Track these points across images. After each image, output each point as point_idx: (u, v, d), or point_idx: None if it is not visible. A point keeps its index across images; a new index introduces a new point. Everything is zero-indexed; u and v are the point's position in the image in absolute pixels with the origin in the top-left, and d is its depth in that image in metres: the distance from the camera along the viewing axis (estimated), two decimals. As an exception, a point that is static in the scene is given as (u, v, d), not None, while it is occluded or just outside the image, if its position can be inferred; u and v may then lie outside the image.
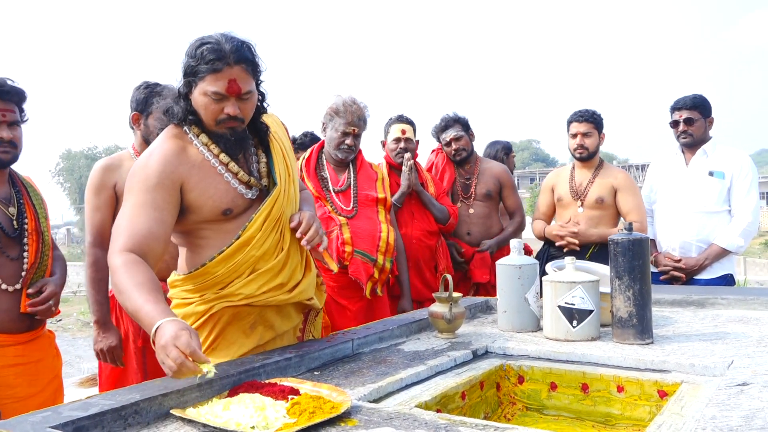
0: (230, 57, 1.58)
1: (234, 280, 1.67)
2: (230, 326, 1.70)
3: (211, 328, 1.69)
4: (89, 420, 1.15)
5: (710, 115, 3.25)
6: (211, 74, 1.58)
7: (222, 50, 1.57)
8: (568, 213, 3.34)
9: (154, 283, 1.46)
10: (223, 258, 1.65)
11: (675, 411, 1.28)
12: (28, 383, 2.03)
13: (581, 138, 3.27)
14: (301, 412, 1.21)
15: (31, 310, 2.02)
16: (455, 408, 1.52)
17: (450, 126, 3.54)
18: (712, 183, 3.17)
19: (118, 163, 2.51)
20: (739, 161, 3.18)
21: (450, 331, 1.97)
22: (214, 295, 1.67)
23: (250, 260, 1.67)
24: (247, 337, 1.72)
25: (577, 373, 1.63)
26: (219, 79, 1.58)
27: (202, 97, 1.61)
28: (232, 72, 1.58)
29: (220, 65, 1.57)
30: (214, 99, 1.60)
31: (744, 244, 3.14)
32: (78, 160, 41.91)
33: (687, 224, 3.19)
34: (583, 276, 1.89)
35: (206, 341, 1.69)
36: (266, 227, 1.69)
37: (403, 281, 3.06)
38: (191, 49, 1.61)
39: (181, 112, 1.66)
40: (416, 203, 3.25)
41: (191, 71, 1.60)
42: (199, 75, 1.59)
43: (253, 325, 1.73)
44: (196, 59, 1.58)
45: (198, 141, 1.68)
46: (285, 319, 1.79)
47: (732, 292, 2.46)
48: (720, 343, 1.77)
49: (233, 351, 1.69)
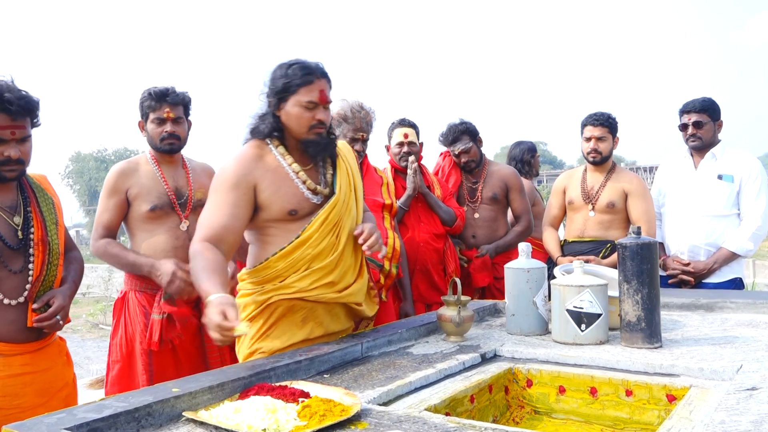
0: (317, 71, 1.89)
1: (291, 274, 1.87)
2: (284, 317, 1.89)
3: (267, 317, 1.89)
4: (103, 422, 1.17)
5: (719, 118, 3.24)
6: (305, 86, 1.86)
7: (310, 67, 1.89)
8: (579, 216, 3.31)
9: (218, 265, 1.76)
10: (283, 254, 1.86)
11: (684, 415, 1.28)
12: (36, 393, 1.96)
13: (595, 142, 3.23)
14: (311, 414, 1.23)
15: (37, 326, 1.95)
16: (464, 411, 1.53)
17: (458, 139, 3.50)
18: (720, 186, 3.15)
19: (134, 168, 2.55)
20: (748, 164, 3.16)
21: (458, 335, 1.98)
22: (272, 287, 1.87)
23: (306, 257, 1.87)
24: (298, 329, 1.89)
25: (586, 377, 1.64)
26: (312, 90, 1.87)
27: (296, 108, 1.88)
28: (320, 83, 1.89)
29: (312, 78, 1.87)
30: (307, 108, 1.87)
31: (753, 247, 3.12)
32: (87, 163, 42.13)
33: (696, 228, 3.17)
34: (591, 280, 1.89)
35: (262, 328, 1.89)
36: (323, 229, 1.90)
37: (405, 285, 3.06)
38: (281, 71, 1.90)
39: (267, 128, 1.93)
40: (422, 206, 3.24)
41: (284, 88, 1.87)
42: (291, 90, 1.87)
43: (304, 320, 1.90)
44: (288, 77, 1.87)
45: (276, 151, 1.93)
46: (334, 319, 1.95)
47: (741, 296, 2.46)
48: (729, 347, 1.77)
49: (284, 340, 1.87)
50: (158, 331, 2.42)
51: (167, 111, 2.52)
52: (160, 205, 2.50)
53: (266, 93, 1.93)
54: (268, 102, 1.93)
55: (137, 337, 2.48)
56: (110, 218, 2.51)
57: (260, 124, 1.95)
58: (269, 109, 1.93)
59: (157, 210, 2.50)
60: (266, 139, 1.95)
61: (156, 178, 2.54)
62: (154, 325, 2.44)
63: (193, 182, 2.62)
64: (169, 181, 2.55)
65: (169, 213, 2.53)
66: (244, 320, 1.85)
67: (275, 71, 1.92)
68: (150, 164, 2.58)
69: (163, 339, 2.44)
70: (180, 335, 2.46)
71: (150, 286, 2.50)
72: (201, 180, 2.65)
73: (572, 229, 3.35)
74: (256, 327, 1.90)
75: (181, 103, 2.56)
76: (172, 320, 2.45)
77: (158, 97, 2.52)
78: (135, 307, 2.51)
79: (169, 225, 2.52)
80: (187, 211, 2.56)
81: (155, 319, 2.45)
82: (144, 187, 2.51)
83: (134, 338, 2.50)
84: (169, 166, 2.60)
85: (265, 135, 1.94)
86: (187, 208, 2.56)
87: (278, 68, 1.92)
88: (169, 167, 2.60)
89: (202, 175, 2.68)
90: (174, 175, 2.59)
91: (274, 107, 1.92)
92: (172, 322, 2.45)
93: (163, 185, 2.53)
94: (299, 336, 1.88)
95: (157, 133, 2.53)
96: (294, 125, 1.91)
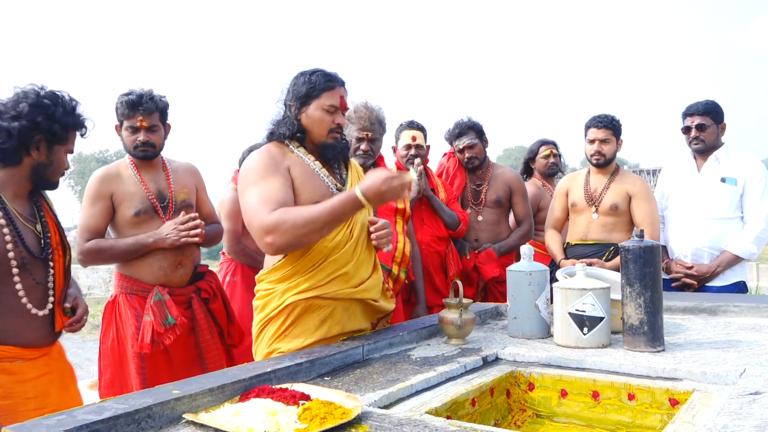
0: (338, 79, 2.02)
1: (309, 270, 1.90)
2: (302, 318, 1.92)
3: (285, 317, 1.92)
4: (103, 424, 1.16)
5: (722, 121, 3.24)
6: (327, 92, 1.98)
7: (331, 74, 2.02)
8: (582, 219, 3.30)
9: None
10: (301, 250, 1.88)
11: (687, 420, 1.27)
12: (60, 388, 2.00)
13: (599, 144, 3.23)
14: (312, 417, 1.22)
15: (68, 330, 2.02)
16: (465, 415, 1.52)
17: (464, 133, 3.52)
18: (724, 189, 3.15)
19: (115, 173, 2.54)
20: (752, 167, 3.16)
21: (460, 337, 1.97)
22: (288, 285, 1.91)
23: (324, 250, 1.91)
24: (316, 329, 1.91)
25: (588, 381, 1.63)
26: (333, 95, 1.99)
27: (318, 112, 1.99)
28: (341, 90, 2.02)
29: (334, 84, 2.00)
30: (329, 112, 1.98)
31: (757, 251, 3.12)
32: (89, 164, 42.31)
33: (699, 231, 3.17)
34: (593, 283, 1.89)
35: (280, 328, 1.92)
36: None
37: (419, 288, 3.06)
38: (303, 78, 2.00)
39: (289, 131, 2.00)
40: (426, 209, 3.25)
41: (307, 93, 1.98)
42: (314, 94, 1.98)
43: (323, 320, 1.92)
44: (312, 83, 1.98)
45: (298, 151, 2.02)
46: (352, 318, 1.98)
47: (744, 300, 2.45)
48: (732, 351, 1.76)
49: (301, 341, 1.90)
50: (150, 334, 2.40)
51: (140, 120, 2.49)
52: (143, 209, 2.51)
53: (286, 99, 2.04)
54: (288, 107, 2.03)
55: (129, 340, 2.46)
56: (97, 223, 2.50)
57: (280, 128, 2.02)
58: (291, 113, 2.02)
59: (141, 215, 2.51)
60: (286, 141, 2.02)
61: (136, 183, 2.54)
62: (146, 327, 2.41)
63: (174, 184, 2.62)
64: (149, 185, 2.55)
65: (153, 217, 2.53)
66: (276, 309, 1.91)
67: (297, 78, 2.02)
68: (130, 169, 2.57)
69: (156, 341, 2.41)
70: (170, 337, 2.43)
71: (141, 287, 2.50)
72: (183, 181, 2.66)
73: (575, 231, 3.33)
74: (275, 327, 1.92)
75: (155, 110, 2.53)
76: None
77: (131, 106, 2.48)
78: (126, 310, 2.49)
79: (153, 228, 2.52)
80: (169, 214, 2.56)
81: (147, 322, 2.42)
82: (127, 192, 2.52)
83: (126, 341, 2.48)
84: (149, 170, 2.59)
85: (286, 137, 2.01)
86: (168, 211, 2.57)
87: (301, 75, 2.02)
88: (149, 171, 2.59)
89: (185, 176, 2.68)
90: (154, 178, 2.59)
91: (296, 111, 2.01)
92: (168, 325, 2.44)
93: (144, 190, 2.53)
94: (316, 336, 1.90)
95: (131, 141, 2.52)
96: (315, 128, 2.00)
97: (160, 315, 2.42)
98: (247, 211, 1.88)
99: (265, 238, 1.81)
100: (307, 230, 1.78)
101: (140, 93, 2.51)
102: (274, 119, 2.06)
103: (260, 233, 1.82)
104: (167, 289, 2.51)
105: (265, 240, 1.81)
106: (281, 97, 2.06)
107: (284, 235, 1.78)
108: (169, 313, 2.43)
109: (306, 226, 1.78)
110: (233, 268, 3.22)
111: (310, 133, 2.01)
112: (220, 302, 2.67)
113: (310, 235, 1.81)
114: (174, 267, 2.55)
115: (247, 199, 1.88)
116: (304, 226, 1.78)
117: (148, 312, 2.43)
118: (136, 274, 2.53)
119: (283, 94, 2.05)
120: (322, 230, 1.81)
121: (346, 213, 1.82)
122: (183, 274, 2.58)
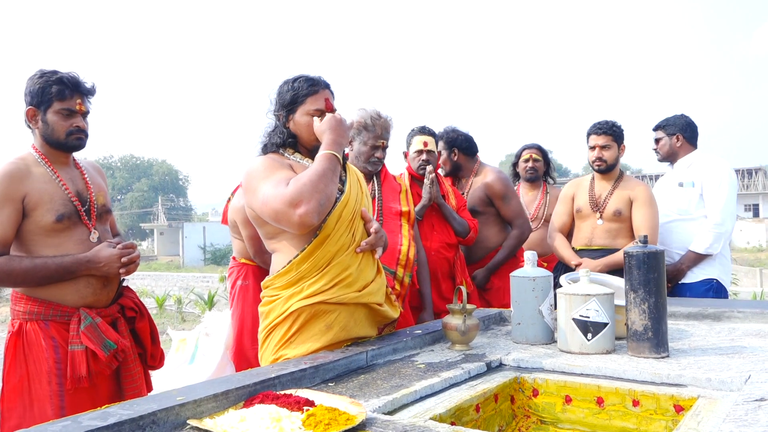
0: (321, 82, 2.05)
1: (313, 275, 1.91)
2: (308, 324, 1.92)
3: (290, 324, 1.92)
4: (108, 430, 1.16)
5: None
6: (312, 96, 2.02)
7: (314, 78, 2.04)
8: (587, 225, 3.30)
9: None
10: (305, 255, 1.91)
11: (691, 426, 1.27)
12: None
13: (600, 150, 3.26)
14: (316, 423, 1.22)
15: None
16: (469, 421, 1.52)
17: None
18: (682, 192, 3.40)
19: (25, 170, 2.07)
20: (712, 169, 3.36)
21: (464, 343, 1.97)
22: (293, 291, 1.91)
23: (327, 255, 1.92)
24: (322, 335, 1.92)
25: (592, 387, 1.63)
26: (317, 99, 2.02)
27: (305, 117, 2.02)
28: (325, 93, 2.04)
29: (317, 88, 2.03)
30: (315, 116, 2.00)
31: (712, 243, 3.27)
32: (93, 169, 42.20)
33: (666, 232, 3.37)
34: (597, 289, 1.89)
35: (285, 335, 1.92)
36: (339, 226, 1.94)
37: (426, 294, 3.05)
38: (286, 86, 2.04)
39: (281, 139, 2.04)
40: (437, 216, 3.25)
41: (291, 100, 2.02)
42: (299, 101, 2.02)
43: (329, 326, 1.92)
44: (295, 90, 2.02)
45: (293, 157, 2.04)
46: (357, 323, 1.99)
47: (749, 306, 2.44)
48: (737, 357, 1.76)
49: (306, 347, 1.90)
50: (83, 365, 2.01)
51: (79, 102, 2.13)
52: (66, 214, 2.08)
53: (274, 109, 2.07)
54: (277, 116, 2.06)
55: (45, 377, 2.02)
56: (5, 232, 2.01)
57: (272, 138, 2.06)
58: (280, 122, 2.06)
59: (64, 220, 2.08)
60: (280, 150, 2.06)
61: (54, 182, 2.10)
62: (76, 358, 2.02)
63: (91, 185, 2.22)
64: (68, 184, 2.13)
65: (77, 223, 2.12)
66: (281, 315, 1.92)
67: (281, 87, 2.06)
68: (41, 165, 2.12)
69: (94, 372, 2.05)
70: (111, 366, 2.09)
71: (61, 311, 2.07)
72: (97, 182, 2.28)
73: (580, 237, 3.33)
74: (280, 333, 1.93)
75: (92, 95, 2.20)
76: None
77: (72, 85, 2.12)
78: (40, 341, 2.04)
79: (78, 237, 2.12)
80: (93, 220, 2.17)
81: (76, 351, 2.02)
82: (45, 193, 2.06)
83: (39, 379, 2.03)
84: (63, 166, 2.17)
85: (279, 146, 2.05)
86: (92, 216, 2.17)
87: (284, 84, 2.06)
88: (63, 168, 2.17)
89: (97, 176, 2.31)
90: (71, 177, 2.17)
91: (284, 119, 2.05)
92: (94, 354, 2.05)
93: (65, 190, 2.10)
94: (322, 342, 1.91)
95: (63, 126, 2.10)
96: (304, 133, 2.04)
97: (97, 341, 2.04)
98: (265, 202, 1.85)
99: (296, 211, 1.79)
100: (324, 183, 1.84)
101: (73, 73, 2.15)
102: (266, 131, 2.09)
103: (287, 210, 1.79)
104: (95, 310, 2.10)
105: (297, 213, 1.79)
106: (270, 108, 2.09)
107: (311, 197, 1.80)
108: (105, 337, 2.06)
109: (320, 179, 1.83)
110: (245, 272, 3.19)
111: (301, 139, 2.05)
112: (146, 321, 2.28)
113: (328, 188, 1.85)
114: (102, 284, 2.15)
115: (261, 193, 1.88)
116: (319, 180, 1.83)
117: (75, 340, 2.03)
118: (55, 297, 2.07)
119: (272, 105, 2.08)
120: (334, 178, 1.88)
121: (334, 166, 1.90)
122: (109, 291, 2.19)
